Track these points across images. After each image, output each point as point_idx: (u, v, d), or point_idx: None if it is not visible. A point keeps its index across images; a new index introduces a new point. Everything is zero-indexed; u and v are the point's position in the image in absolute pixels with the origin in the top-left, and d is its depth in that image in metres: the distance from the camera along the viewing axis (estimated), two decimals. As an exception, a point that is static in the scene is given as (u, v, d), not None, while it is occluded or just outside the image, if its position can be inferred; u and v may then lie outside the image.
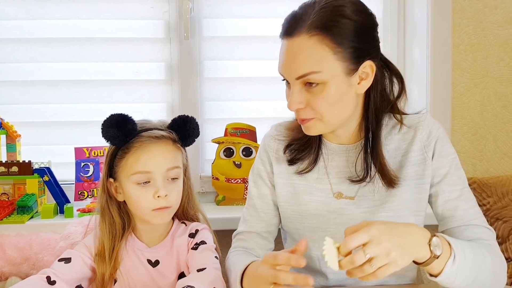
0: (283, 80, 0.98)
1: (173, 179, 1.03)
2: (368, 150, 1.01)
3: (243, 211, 1.17)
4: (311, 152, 1.06)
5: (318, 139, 1.06)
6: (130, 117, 1.01)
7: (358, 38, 0.92)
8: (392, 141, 1.04)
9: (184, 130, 1.05)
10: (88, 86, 1.61)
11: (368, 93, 1.00)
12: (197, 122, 1.07)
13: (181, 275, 1.05)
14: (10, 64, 1.60)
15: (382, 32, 1.66)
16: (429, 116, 1.07)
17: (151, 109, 1.64)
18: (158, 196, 1.00)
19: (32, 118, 1.61)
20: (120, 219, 1.05)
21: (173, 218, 1.10)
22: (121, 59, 1.61)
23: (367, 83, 0.97)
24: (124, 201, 1.05)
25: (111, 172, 1.04)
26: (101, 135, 1.01)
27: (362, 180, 1.01)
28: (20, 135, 1.54)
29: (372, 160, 1.00)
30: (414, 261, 0.86)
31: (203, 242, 1.05)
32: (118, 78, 1.62)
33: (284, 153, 1.08)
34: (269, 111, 1.63)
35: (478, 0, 1.54)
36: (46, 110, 1.61)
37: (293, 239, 1.12)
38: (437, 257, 0.85)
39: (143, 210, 1.02)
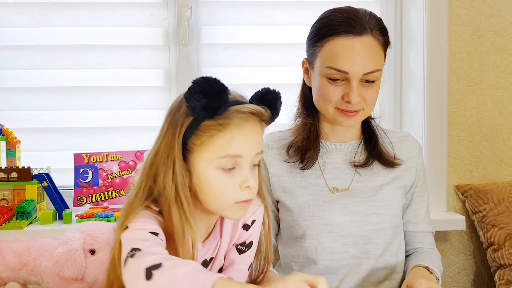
0: (331, 78, 1.06)
1: (255, 165, 0.84)
2: (371, 142, 1.15)
3: None
4: (314, 152, 1.14)
5: (319, 141, 1.16)
6: (222, 82, 0.78)
7: (387, 41, 1.10)
8: (389, 143, 1.18)
9: (274, 107, 0.84)
10: (88, 93, 1.62)
11: None
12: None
13: (221, 268, 0.90)
14: (10, 70, 1.61)
15: (379, 40, 1.67)
16: (411, 134, 1.24)
17: (150, 115, 1.64)
18: (247, 186, 0.80)
19: (31, 124, 1.62)
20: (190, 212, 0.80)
21: None
22: (120, 66, 1.62)
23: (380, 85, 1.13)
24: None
25: (185, 149, 0.80)
26: (186, 101, 0.78)
27: (360, 166, 1.14)
28: (19, 141, 1.54)
29: (372, 149, 1.14)
30: None
31: (251, 245, 0.90)
32: (117, 85, 1.63)
33: (288, 152, 1.16)
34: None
35: (475, 8, 1.55)
36: (45, 117, 1.62)
37: (286, 236, 1.16)
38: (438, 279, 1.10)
39: (224, 203, 0.81)
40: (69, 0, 1.59)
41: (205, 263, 0.87)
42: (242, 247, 0.91)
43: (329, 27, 1.06)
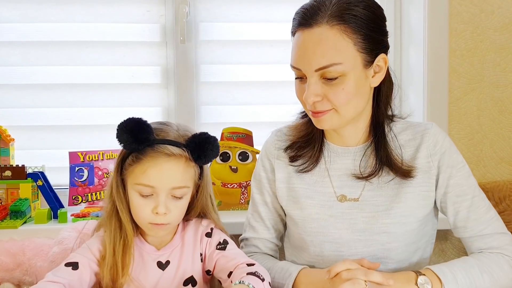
0: (296, 77, 0.97)
1: (177, 197, 0.99)
2: (380, 147, 1.01)
3: (247, 215, 1.17)
4: (313, 150, 1.05)
5: (320, 138, 1.06)
6: (147, 124, 0.96)
7: (374, 28, 0.94)
8: (398, 147, 1.04)
9: (202, 150, 0.98)
10: (83, 90, 1.60)
11: (376, 89, 1.02)
12: (218, 144, 1.00)
13: (189, 279, 1.03)
14: (4, 67, 1.58)
15: (378, 37, 1.66)
16: (435, 125, 1.07)
17: (147, 113, 1.62)
18: (157, 212, 0.97)
19: (26, 122, 1.59)
20: (131, 224, 1.01)
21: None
22: (116, 62, 1.60)
23: (380, 76, 0.98)
24: None
25: (121, 171, 1.01)
26: (115, 135, 0.97)
27: (368, 176, 1.01)
28: (13, 139, 1.52)
29: (382, 157, 1.01)
30: None
31: (226, 242, 1.04)
32: (114, 82, 1.60)
33: (285, 152, 1.08)
34: (266, 115, 1.63)
35: (475, 5, 1.54)
36: (40, 114, 1.60)
37: (292, 243, 1.12)
38: None
39: (140, 221, 1.00)
40: (64, -4, 1.58)
41: (160, 264, 1.03)
42: (221, 246, 1.04)
43: (293, 22, 0.99)
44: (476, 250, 1.02)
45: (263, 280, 0.93)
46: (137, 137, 0.95)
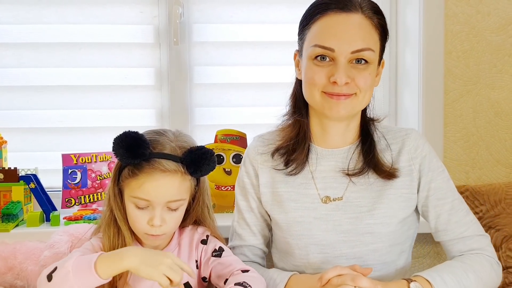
0: (316, 56, 0.98)
1: (173, 209, 1.00)
2: (368, 148, 1.05)
3: (233, 223, 1.17)
4: (302, 153, 1.06)
5: (307, 142, 1.07)
6: (143, 139, 0.97)
7: (387, 33, 1.03)
8: (383, 149, 1.08)
9: (198, 165, 0.99)
10: (76, 92, 1.59)
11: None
12: (214, 158, 1.01)
13: (185, 285, 1.03)
14: (-4, 69, 1.58)
15: (374, 38, 1.65)
16: (416, 131, 1.11)
17: (140, 115, 1.62)
18: (152, 224, 0.98)
19: (18, 124, 1.58)
20: (129, 231, 1.02)
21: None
22: (109, 64, 1.59)
23: (378, 80, 1.06)
24: None
25: (118, 181, 1.02)
26: (111, 148, 0.99)
27: (354, 174, 1.04)
28: (6, 141, 1.51)
29: (370, 158, 1.04)
30: None
31: (222, 249, 1.05)
32: (107, 84, 1.60)
33: (273, 157, 1.09)
34: (260, 117, 1.62)
35: (471, 7, 1.53)
36: (33, 116, 1.59)
37: (278, 248, 1.12)
38: None
39: (136, 230, 1.02)
40: (56, -3, 1.57)
41: None
42: (217, 253, 1.05)
43: (317, 6, 1.01)
44: (457, 253, 1.05)
45: None
46: (133, 152, 0.96)
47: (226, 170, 1.54)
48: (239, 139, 1.55)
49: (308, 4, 1.09)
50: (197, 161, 0.98)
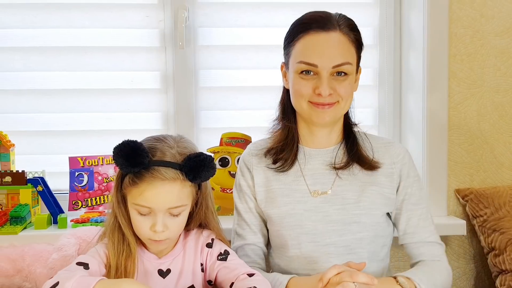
0: (301, 71, 1.09)
1: (175, 215, 1.01)
2: (351, 145, 1.16)
3: (233, 227, 1.21)
4: (290, 153, 1.16)
5: (296, 143, 1.18)
6: (142, 148, 0.97)
7: (361, 45, 1.14)
8: (364, 149, 1.18)
9: (197, 172, 1.00)
10: (83, 95, 1.61)
11: None
12: (213, 164, 1.02)
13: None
14: (4, 73, 1.59)
15: (378, 41, 1.65)
16: (397, 141, 1.26)
17: (146, 118, 1.63)
18: (155, 230, 0.99)
19: (26, 127, 1.60)
20: (133, 237, 1.03)
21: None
22: (116, 68, 1.60)
23: (357, 85, 1.17)
24: None
25: (121, 188, 1.03)
26: (112, 156, 1.00)
27: (340, 168, 1.14)
28: (14, 145, 1.52)
29: (352, 152, 1.15)
30: None
31: (227, 252, 1.07)
32: (113, 87, 1.61)
33: (266, 156, 1.19)
34: (264, 120, 1.61)
35: (475, 10, 1.53)
36: (40, 119, 1.60)
37: (273, 244, 1.19)
38: None
39: (140, 236, 1.03)
40: (64, 1, 1.58)
41: (161, 272, 1.05)
42: (222, 256, 1.06)
43: (300, 25, 1.12)
44: (420, 256, 1.16)
45: None
46: (131, 161, 0.97)
47: (232, 173, 1.55)
48: (244, 142, 1.56)
49: (311, 8, 1.15)
50: (196, 168, 0.99)
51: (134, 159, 0.97)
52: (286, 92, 1.19)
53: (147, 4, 1.60)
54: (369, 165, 1.15)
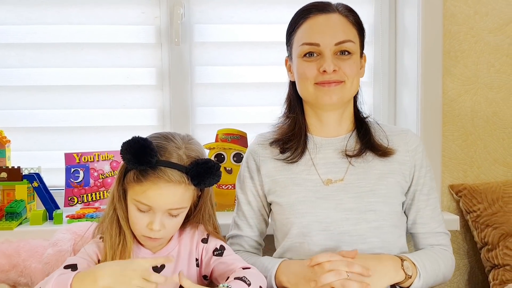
0: (305, 54, 1.09)
1: (173, 215, 1.02)
2: (364, 133, 1.14)
3: (233, 214, 1.24)
4: (298, 143, 1.14)
5: (304, 133, 1.16)
6: (151, 147, 0.97)
7: (363, 30, 1.14)
8: (377, 136, 1.16)
9: (203, 178, 0.99)
10: (79, 92, 1.61)
11: None
12: (220, 172, 1.01)
13: None
14: (0, 69, 1.59)
15: (373, 38, 1.66)
16: (411, 130, 1.21)
17: (142, 114, 1.63)
18: (151, 228, 1.00)
19: (22, 123, 1.60)
20: (130, 231, 1.03)
21: None
22: (112, 64, 1.61)
23: (363, 71, 1.16)
24: None
25: (123, 182, 1.03)
26: (120, 151, 0.99)
27: (353, 156, 1.12)
28: (9, 141, 1.53)
29: (364, 140, 1.13)
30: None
31: (223, 247, 1.07)
32: (109, 84, 1.61)
33: (271, 145, 1.17)
34: (260, 116, 1.63)
35: (469, 7, 1.54)
36: (36, 116, 1.61)
37: (281, 231, 1.16)
38: (410, 277, 1.04)
39: (135, 231, 1.04)
40: (59, -2, 1.58)
41: (155, 268, 1.03)
42: (218, 252, 1.06)
43: (300, 13, 1.13)
44: (427, 246, 1.15)
45: (249, 285, 0.96)
46: (139, 158, 0.97)
47: (227, 169, 1.56)
48: (240, 138, 1.57)
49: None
50: (202, 174, 0.99)
51: (142, 157, 0.96)
52: (292, 87, 1.18)
53: (143, 1, 1.60)
54: (383, 151, 1.12)
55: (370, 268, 0.98)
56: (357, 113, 1.17)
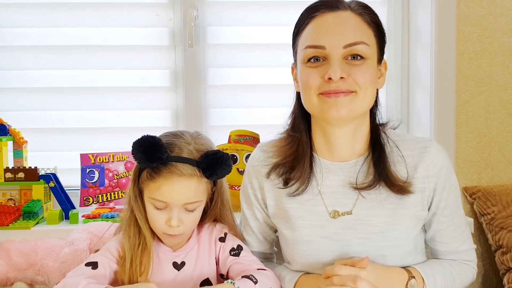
0: (309, 59, 0.94)
1: (190, 210, 1.03)
2: (379, 160, 0.97)
3: (240, 227, 1.17)
4: (303, 170, 0.99)
5: (309, 154, 1.01)
6: (161, 144, 0.99)
7: (382, 32, 0.98)
8: (396, 161, 1.00)
9: (213, 169, 1.01)
10: (94, 93, 1.63)
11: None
12: (230, 162, 1.02)
13: (205, 281, 1.06)
14: (17, 71, 1.62)
15: (386, 40, 1.66)
16: (435, 142, 1.03)
17: (156, 116, 1.65)
18: (170, 225, 1.01)
19: (38, 124, 1.63)
20: (149, 231, 1.05)
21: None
22: (126, 66, 1.62)
23: (383, 81, 1.00)
24: None
25: (138, 182, 1.05)
26: (131, 151, 1.02)
27: (364, 188, 0.97)
28: (26, 141, 1.55)
29: (378, 169, 0.97)
30: None
31: (240, 247, 1.07)
32: (123, 85, 1.63)
33: (270, 174, 1.04)
34: (273, 118, 1.63)
35: (483, 8, 1.53)
36: (52, 117, 1.63)
37: (287, 252, 1.09)
38: None
39: (155, 230, 1.06)
40: (75, 1, 1.60)
41: (176, 265, 1.06)
42: (235, 252, 1.07)
43: (306, 11, 0.98)
44: (447, 259, 1.06)
45: (255, 282, 0.96)
46: (150, 156, 0.99)
47: (240, 170, 1.57)
48: (252, 140, 1.58)
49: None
50: (213, 165, 1.01)
51: (152, 154, 0.98)
52: (298, 99, 1.03)
53: (157, 3, 1.62)
54: (399, 188, 0.95)
55: (378, 285, 0.91)
56: (374, 132, 1.00)
